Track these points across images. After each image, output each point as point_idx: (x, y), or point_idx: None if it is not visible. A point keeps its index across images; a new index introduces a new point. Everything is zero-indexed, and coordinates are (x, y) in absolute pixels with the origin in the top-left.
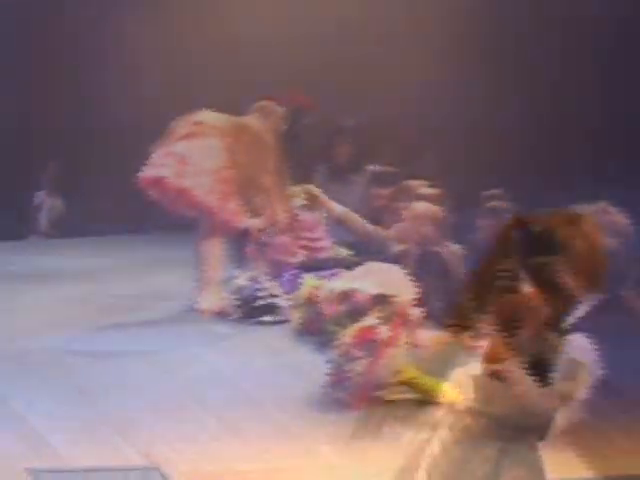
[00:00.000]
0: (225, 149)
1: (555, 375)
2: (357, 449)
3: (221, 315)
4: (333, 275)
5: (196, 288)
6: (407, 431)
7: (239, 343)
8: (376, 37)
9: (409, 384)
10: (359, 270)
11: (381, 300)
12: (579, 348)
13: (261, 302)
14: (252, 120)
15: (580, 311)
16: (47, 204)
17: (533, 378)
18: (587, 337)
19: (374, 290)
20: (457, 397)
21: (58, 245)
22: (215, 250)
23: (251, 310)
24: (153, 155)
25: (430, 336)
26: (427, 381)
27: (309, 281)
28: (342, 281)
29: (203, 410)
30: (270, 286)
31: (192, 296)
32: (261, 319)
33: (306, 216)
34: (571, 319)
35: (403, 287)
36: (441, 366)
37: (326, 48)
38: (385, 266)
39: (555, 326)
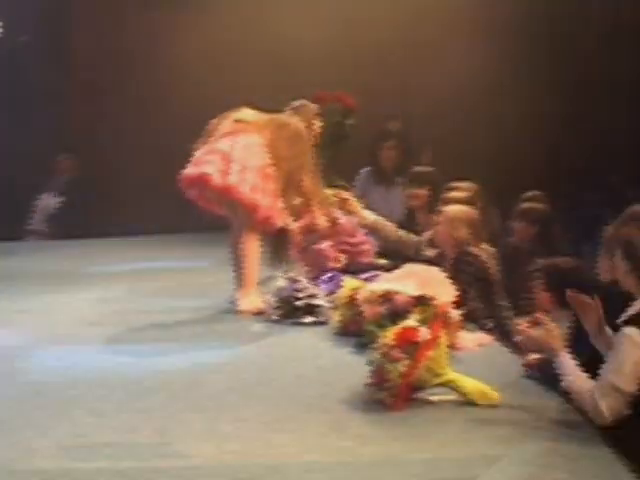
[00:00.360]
0: (267, 145)
1: (606, 367)
2: (398, 449)
3: (261, 316)
4: (372, 277)
5: (235, 289)
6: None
7: (280, 343)
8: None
9: (450, 386)
10: (399, 272)
11: (421, 302)
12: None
13: (301, 303)
14: (291, 118)
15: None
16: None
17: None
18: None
19: (414, 292)
20: (496, 399)
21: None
22: (254, 250)
23: (291, 311)
24: (196, 153)
25: (470, 338)
26: (467, 383)
27: (349, 282)
28: (383, 282)
29: (248, 409)
30: (310, 287)
31: (231, 297)
32: (301, 320)
33: (345, 220)
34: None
35: (443, 289)
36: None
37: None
38: (425, 268)
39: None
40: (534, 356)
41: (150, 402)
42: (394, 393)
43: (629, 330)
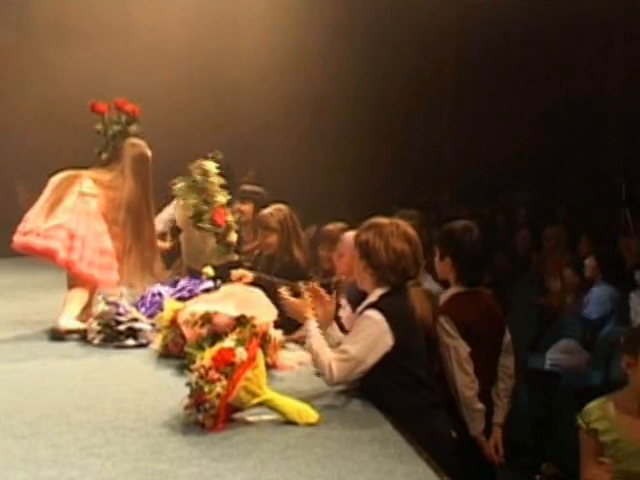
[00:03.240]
0: (106, 210)
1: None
2: (217, 470)
3: (84, 339)
4: (194, 297)
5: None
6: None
7: (101, 368)
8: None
9: (268, 405)
10: (219, 293)
11: (241, 322)
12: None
13: (123, 326)
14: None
15: None
16: None
17: None
18: None
19: (234, 312)
20: (314, 417)
21: None
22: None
23: (113, 334)
24: (34, 216)
25: (291, 357)
26: (285, 402)
27: (171, 304)
28: (203, 304)
29: (66, 435)
30: (132, 310)
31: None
32: (123, 343)
33: None
34: None
35: (263, 309)
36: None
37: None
38: (245, 289)
39: None
40: None
41: None
42: (212, 414)
43: (369, 311)
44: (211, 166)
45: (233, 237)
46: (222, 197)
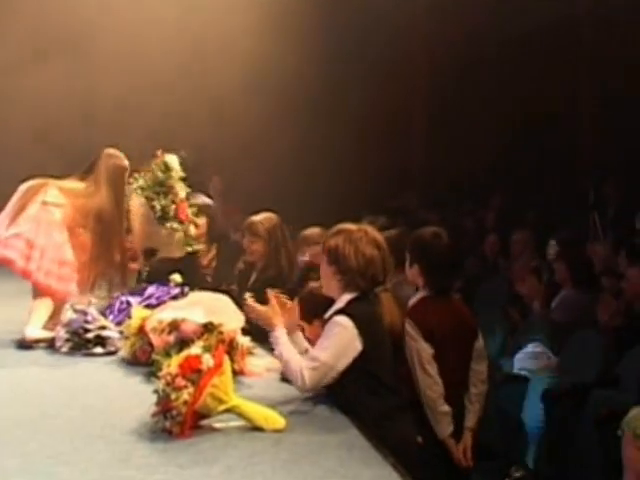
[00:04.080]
0: (71, 220)
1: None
2: (183, 476)
3: (52, 347)
4: (162, 305)
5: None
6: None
7: (69, 375)
8: None
9: (235, 412)
10: (188, 300)
11: (208, 329)
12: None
13: (91, 334)
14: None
15: None
16: None
17: None
18: None
19: (202, 319)
20: (281, 423)
21: None
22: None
23: (81, 342)
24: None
25: (258, 363)
26: (251, 409)
27: (139, 312)
28: (171, 311)
29: (34, 442)
30: (100, 318)
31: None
32: (91, 351)
33: None
34: None
35: (230, 316)
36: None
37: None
38: (212, 296)
39: None
40: None
41: None
42: (179, 421)
43: (337, 317)
44: (172, 159)
45: (193, 230)
46: (182, 191)
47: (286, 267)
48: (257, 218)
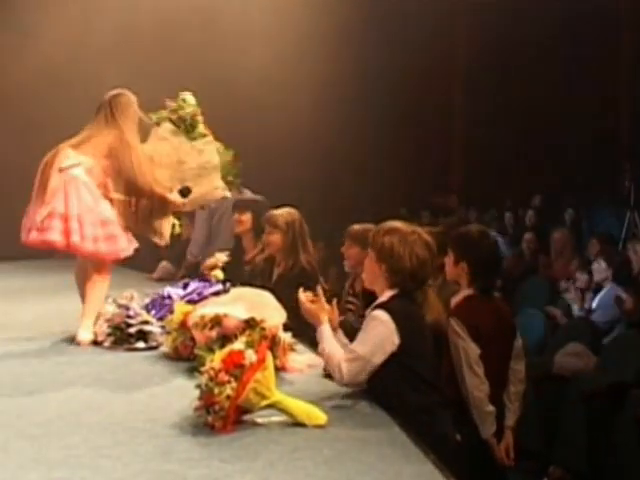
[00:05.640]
0: (98, 174)
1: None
2: (225, 471)
3: (94, 342)
4: (203, 300)
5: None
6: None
7: (111, 370)
8: None
9: (277, 407)
10: (229, 295)
11: (250, 325)
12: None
13: (133, 329)
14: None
15: None
16: None
17: None
18: None
19: (244, 315)
20: (322, 419)
21: None
22: (100, 286)
23: (123, 337)
24: (32, 211)
25: (300, 360)
26: (293, 404)
27: (181, 307)
28: (213, 307)
29: (77, 436)
30: (142, 312)
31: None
32: (134, 346)
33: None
34: None
35: (272, 312)
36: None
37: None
38: (255, 292)
39: None
40: None
41: None
42: (222, 416)
43: (376, 312)
44: (188, 97)
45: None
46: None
47: (305, 263)
48: (277, 211)
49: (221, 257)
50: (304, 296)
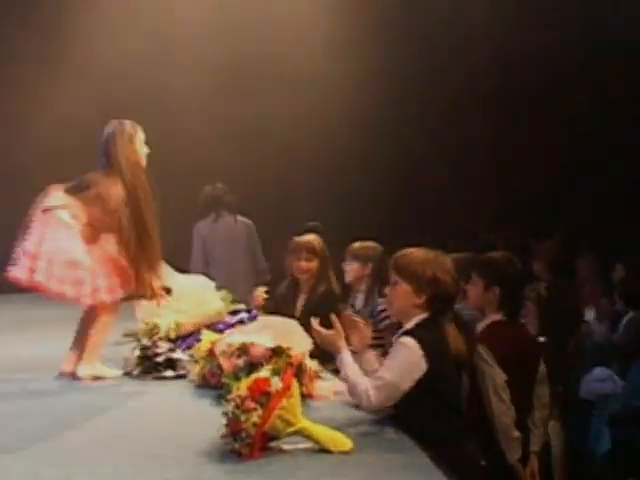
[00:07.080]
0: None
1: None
2: None
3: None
4: (230, 329)
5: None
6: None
7: (139, 398)
8: None
9: (303, 434)
10: (256, 324)
11: (277, 352)
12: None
13: (161, 358)
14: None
15: None
16: None
17: None
18: None
19: (270, 343)
20: (348, 445)
21: None
22: (105, 324)
23: (152, 366)
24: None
25: (326, 386)
26: (319, 430)
27: (208, 335)
28: (240, 335)
29: (105, 463)
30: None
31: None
32: (162, 374)
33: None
34: None
35: (298, 339)
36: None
37: None
38: (281, 320)
39: None
40: None
41: (6, 458)
42: (249, 443)
43: (404, 338)
44: None
45: None
46: None
47: (335, 285)
48: (308, 238)
49: (261, 291)
50: (316, 323)
